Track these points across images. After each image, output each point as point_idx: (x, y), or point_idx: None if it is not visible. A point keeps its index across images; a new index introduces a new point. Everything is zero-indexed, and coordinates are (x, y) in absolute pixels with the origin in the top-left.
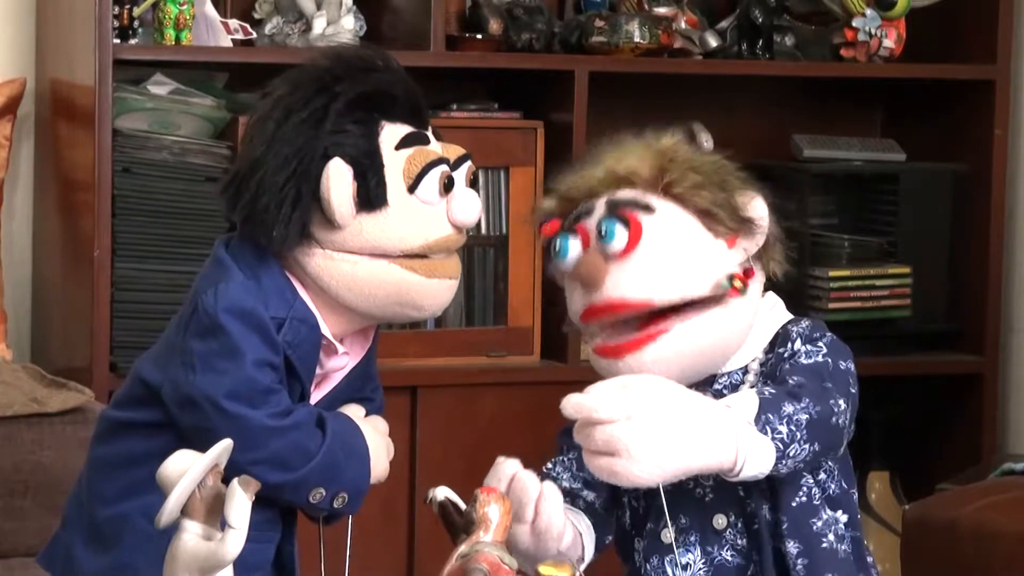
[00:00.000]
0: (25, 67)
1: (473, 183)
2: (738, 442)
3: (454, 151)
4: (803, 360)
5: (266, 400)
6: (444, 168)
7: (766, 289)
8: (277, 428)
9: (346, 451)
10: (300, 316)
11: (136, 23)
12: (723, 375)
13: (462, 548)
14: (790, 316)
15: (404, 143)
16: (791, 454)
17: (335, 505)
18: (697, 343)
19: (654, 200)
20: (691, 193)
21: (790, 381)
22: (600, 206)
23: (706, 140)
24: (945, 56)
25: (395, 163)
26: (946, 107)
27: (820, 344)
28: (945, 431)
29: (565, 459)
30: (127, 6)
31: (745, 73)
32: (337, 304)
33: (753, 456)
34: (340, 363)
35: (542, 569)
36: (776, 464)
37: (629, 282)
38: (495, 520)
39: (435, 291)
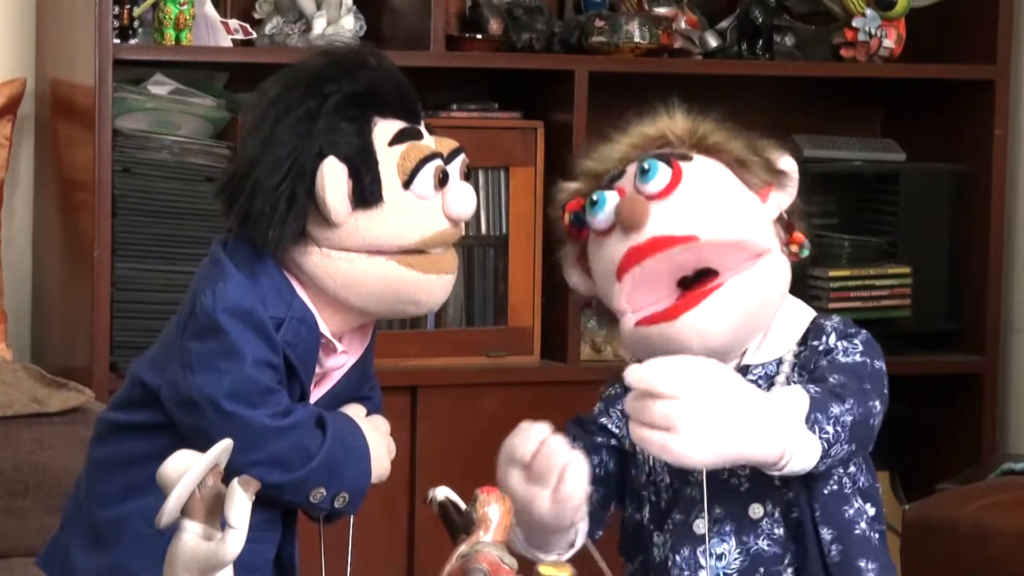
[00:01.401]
0: (25, 67)
1: (467, 176)
2: (787, 438)
3: (447, 145)
4: (841, 358)
5: (266, 400)
6: (438, 162)
7: None
8: (277, 428)
9: (347, 451)
10: (299, 315)
11: (136, 23)
12: (757, 366)
13: (462, 548)
14: (813, 311)
15: (397, 139)
16: (833, 453)
17: (336, 505)
18: (751, 296)
19: (690, 152)
20: (725, 142)
21: (831, 380)
22: (629, 170)
23: None
24: (945, 56)
25: (389, 159)
26: (946, 107)
27: (856, 341)
28: (945, 431)
29: None
30: (127, 6)
31: (745, 73)
32: (335, 302)
33: (800, 453)
34: (339, 362)
35: (542, 569)
36: (820, 462)
37: (674, 217)
38: (495, 520)
39: (433, 287)
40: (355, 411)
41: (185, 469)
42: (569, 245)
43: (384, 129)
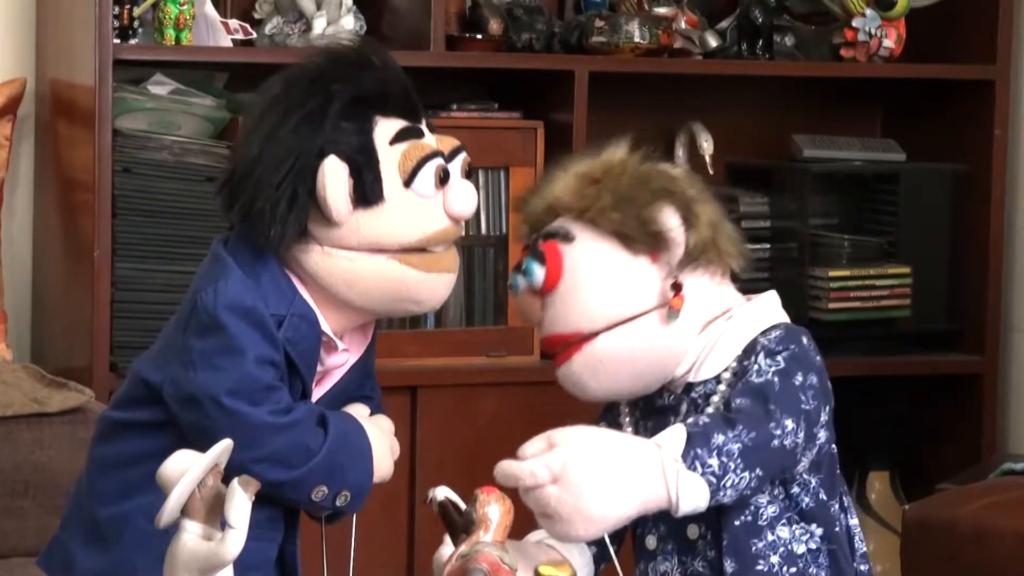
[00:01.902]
0: (25, 67)
1: (468, 174)
2: (667, 481)
3: (448, 143)
4: (753, 379)
5: (267, 397)
6: (439, 161)
7: (767, 288)
8: (278, 426)
9: (349, 449)
10: (300, 313)
11: (136, 23)
12: (699, 384)
13: (462, 548)
14: (775, 321)
15: (398, 138)
16: (728, 484)
17: (338, 503)
18: (625, 352)
19: (575, 227)
20: (600, 217)
21: (733, 404)
22: (538, 239)
23: (706, 140)
24: (945, 56)
25: (390, 158)
26: (946, 107)
27: (779, 358)
28: (945, 431)
29: None
30: (127, 6)
31: (745, 73)
32: (336, 300)
33: (686, 492)
34: (340, 360)
35: (542, 569)
36: (714, 496)
37: (558, 316)
38: (495, 520)
39: (433, 285)
40: (358, 411)
41: (185, 469)
42: None
43: (385, 128)
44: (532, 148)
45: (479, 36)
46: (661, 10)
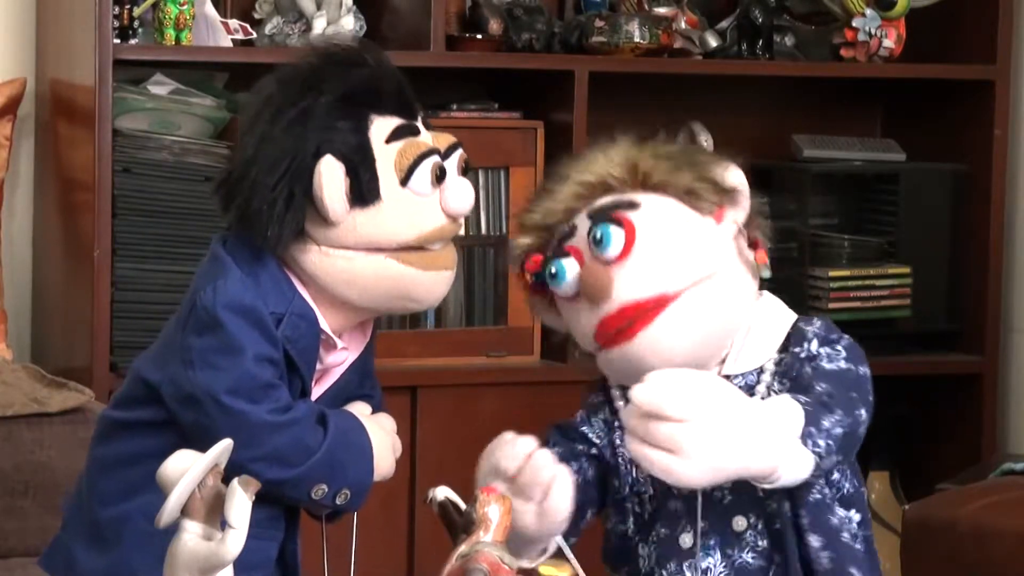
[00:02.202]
0: (25, 67)
1: (465, 171)
2: (781, 453)
3: (444, 140)
4: (826, 365)
5: (266, 395)
6: (435, 159)
7: (767, 288)
8: (277, 424)
9: (348, 448)
10: (299, 311)
11: (136, 23)
12: (737, 376)
13: (462, 548)
14: (794, 315)
15: (394, 136)
16: (824, 466)
17: (338, 502)
18: (706, 311)
19: (636, 196)
20: (668, 178)
21: (818, 388)
22: (583, 220)
23: (706, 140)
24: (945, 56)
25: (386, 157)
26: (946, 107)
27: (839, 347)
28: (945, 431)
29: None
30: (127, 6)
31: (745, 73)
32: (335, 299)
33: (791, 467)
34: (339, 358)
35: (542, 569)
36: (811, 474)
37: (638, 282)
38: (495, 520)
39: (432, 283)
40: (360, 409)
41: (185, 469)
42: (536, 297)
43: (381, 126)
44: (532, 148)
45: (479, 36)
46: (661, 10)
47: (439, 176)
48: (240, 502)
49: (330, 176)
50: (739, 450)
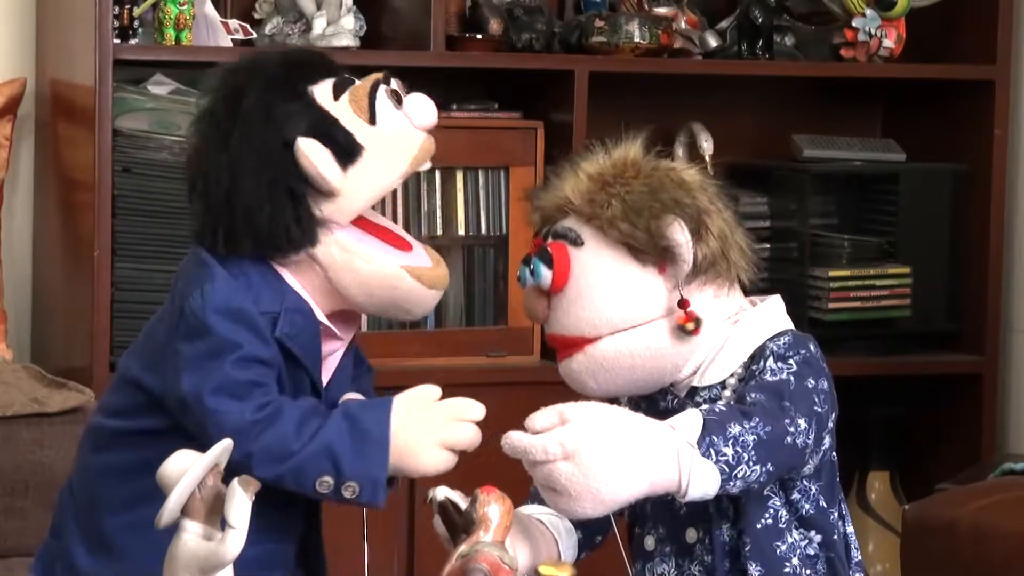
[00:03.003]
0: (25, 67)
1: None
2: (680, 464)
3: (373, 76)
4: (767, 377)
5: (251, 394)
6: (383, 86)
7: (767, 291)
8: (263, 419)
9: (357, 438)
10: (294, 306)
11: (136, 23)
12: (704, 389)
13: (462, 548)
14: (782, 327)
15: (337, 90)
16: (739, 475)
17: (346, 495)
18: (626, 357)
19: (585, 230)
20: (608, 226)
21: (747, 398)
22: (548, 236)
23: (706, 140)
24: (945, 56)
25: (343, 110)
26: (946, 107)
27: (791, 362)
28: (945, 431)
29: None
30: (127, 6)
31: (745, 73)
32: (327, 285)
33: (697, 478)
34: (337, 346)
35: (542, 569)
36: (723, 485)
37: (562, 318)
38: (495, 520)
39: (429, 301)
40: (408, 395)
41: (185, 469)
42: None
43: (322, 91)
44: (532, 148)
45: (479, 36)
46: (661, 10)
47: (395, 94)
48: (240, 502)
49: (313, 153)
50: (626, 474)
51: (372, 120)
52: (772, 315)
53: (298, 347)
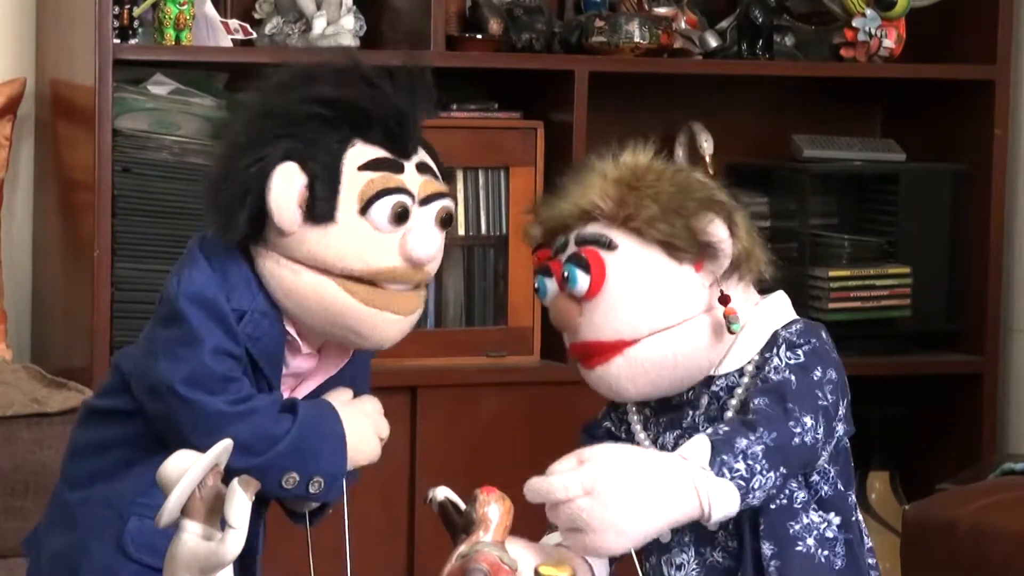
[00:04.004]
0: (25, 67)
1: (445, 223)
2: (698, 491)
3: (431, 187)
4: (772, 376)
5: (225, 388)
6: (401, 198)
7: (766, 290)
8: (235, 413)
9: (319, 435)
10: (261, 310)
11: (136, 23)
12: (720, 377)
13: (462, 548)
14: (792, 317)
15: (370, 166)
16: (756, 486)
17: (311, 490)
18: (668, 358)
19: (617, 235)
20: (647, 227)
21: (751, 405)
22: (571, 243)
23: (706, 140)
24: (945, 56)
25: (353, 182)
26: (946, 107)
27: (799, 352)
28: (945, 431)
29: None
30: (127, 6)
31: (745, 73)
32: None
33: (717, 500)
34: (306, 364)
35: (542, 569)
36: (744, 499)
37: (600, 323)
38: (495, 520)
39: (377, 322)
40: (339, 395)
41: (185, 469)
42: None
43: (360, 152)
44: (532, 148)
45: (479, 36)
46: (661, 10)
47: (400, 215)
48: (240, 502)
49: (285, 183)
50: (647, 506)
51: (362, 211)
52: (782, 306)
53: (258, 351)
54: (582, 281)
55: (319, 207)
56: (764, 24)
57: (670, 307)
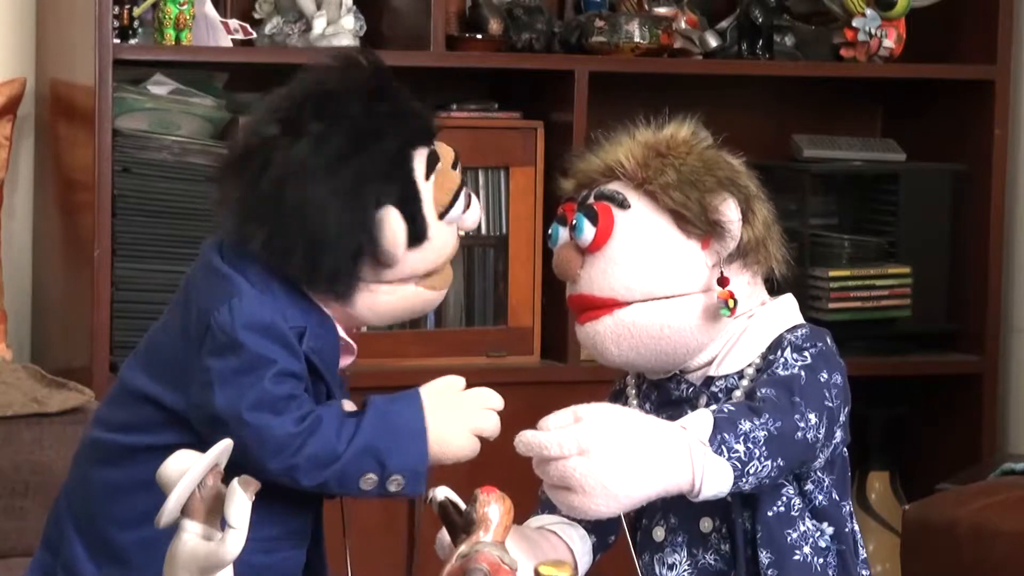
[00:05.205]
0: (25, 67)
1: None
2: (693, 463)
3: (448, 153)
4: (780, 371)
5: (288, 407)
6: (463, 189)
7: (770, 291)
8: (305, 430)
9: (392, 432)
10: (318, 321)
11: (136, 23)
12: (720, 378)
13: (462, 548)
14: (797, 321)
15: (428, 169)
16: (751, 471)
17: (391, 489)
18: (655, 327)
19: (632, 196)
20: (661, 192)
21: (759, 393)
22: (591, 197)
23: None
24: (945, 56)
25: (428, 192)
26: (946, 107)
27: (806, 354)
28: (945, 431)
29: None
30: (127, 6)
31: (745, 73)
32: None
33: (710, 476)
34: (348, 359)
35: (542, 569)
36: (736, 482)
37: (597, 278)
38: (495, 520)
39: (437, 301)
40: (430, 386)
41: (185, 469)
42: None
43: (418, 162)
44: (532, 148)
45: (479, 36)
46: (661, 10)
47: (468, 203)
48: (240, 502)
49: (396, 228)
50: (637, 473)
51: (442, 216)
52: (788, 309)
53: (321, 361)
54: (588, 232)
55: (420, 231)
56: (764, 24)
57: (668, 277)
